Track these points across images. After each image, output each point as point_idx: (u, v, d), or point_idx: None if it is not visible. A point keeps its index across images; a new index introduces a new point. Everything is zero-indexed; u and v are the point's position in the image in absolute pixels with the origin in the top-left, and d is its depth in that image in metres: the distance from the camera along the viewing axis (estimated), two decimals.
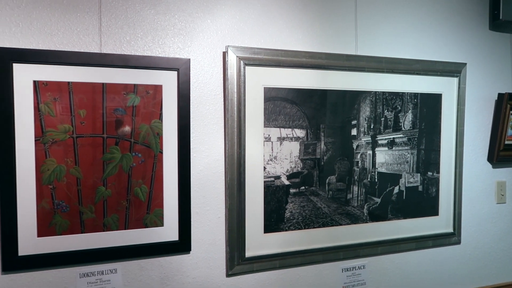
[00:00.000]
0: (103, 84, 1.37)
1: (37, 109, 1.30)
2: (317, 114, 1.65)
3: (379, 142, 1.76)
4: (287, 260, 1.62)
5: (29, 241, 1.31)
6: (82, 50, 1.37)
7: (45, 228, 1.33)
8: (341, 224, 1.71)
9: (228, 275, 1.56)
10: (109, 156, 1.38)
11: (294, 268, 1.65)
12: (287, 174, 1.62)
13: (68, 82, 1.33)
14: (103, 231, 1.39)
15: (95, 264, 1.40)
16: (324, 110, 1.66)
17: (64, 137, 1.33)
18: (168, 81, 1.44)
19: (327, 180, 1.68)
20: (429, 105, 1.84)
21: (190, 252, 1.51)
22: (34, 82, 1.30)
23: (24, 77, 1.28)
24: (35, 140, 1.30)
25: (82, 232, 1.37)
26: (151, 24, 1.46)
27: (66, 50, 1.35)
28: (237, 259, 1.55)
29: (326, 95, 1.66)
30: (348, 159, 1.72)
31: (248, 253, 1.56)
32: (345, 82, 1.69)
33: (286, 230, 1.62)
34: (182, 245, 1.48)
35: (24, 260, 1.31)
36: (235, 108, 1.52)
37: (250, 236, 1.56)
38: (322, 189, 1.68)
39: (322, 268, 1.70)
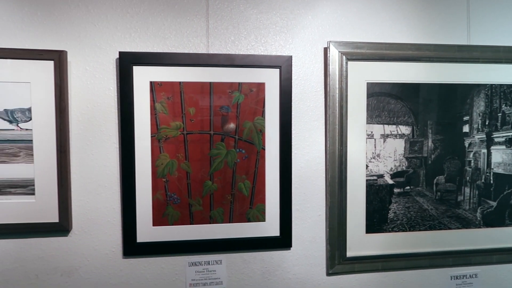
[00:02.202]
0: (210, 83, 1.43)
1: (153, 107, 1.40)
2: (424, 110, 1.55)
3: (496, 140, 1.60)
4: (390, 262, 1.55)
5: (145, 229, 1.42)
6: (191, 52, 1.45)
7: (159, 218, 1.43)
8: (450, 228, 1.59)
9: (328, 274, 1.53)
10: (216, 152, 1.44)
11: (398, 271, 1.57)
12: (391, 173, 1.54)
13: (180, 82, 1.41)
14: (210, 223, 1.46)
15: (202, 254, 1.47)
16: (432, 106, 1.56)
17: (176, 134, 1.42)
18: (270, 78, 1.46)
19: (435, 180, 1.57)
20: None
21: (291, 248, 1.51)
22: (151, 82, 1.40)
23: (142, 78, 1.39)
24: (151, 137, 1.41)
25: (191, 223, 1.45)
26: (254, 23, 1.49)
27: (177, 52, 1.43)
28: (338, 258, 1.52)
29: (434, 89, 1.55)
30: (459, 158, 1.59)
31: (349, 253, 1.52)
32: (456, 74, 1.56)
33: (389, 232, 1.55)
34: (283, 241, 1.49)
35: (141, 247, 1.42)
36: (337, 105, 1.49)
37: (352, 235, 1.52)
38: (429, 189, 1.57)
39: (428, 273, 1.60)
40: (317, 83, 1.52)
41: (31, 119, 1.33)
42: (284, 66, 1.46)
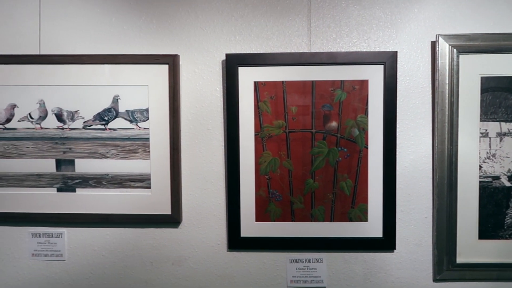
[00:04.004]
0: (312, 81, 1.43)
1: (256, 107, 1.45)
2: None
3: None
4: (506, 272, 1.43)
5: (248, 224, 1.47)
6: (293, 51, 1.46)
7: (261, 214, 1.47)
8: None
9: (435, 280, 1.46)
10: (317, 150, 1.45)
11: None
12: (509, 174, 1.42)
13: (282, 82, 1.44)
14: (311, 221, 1.46)
15: (303, 252, 1.48)
16: None
17: (278, 132, 1.45)
18: (374, 75, 1.42)
19: None
20: None
21: (394, 250, 1.46)
22: (255, 82, 1.44)
23: (247, 78, 1.44)
24: (255, 135, 1.45)
25: (292, 221, 1.46)
26: (356, 19, 1.46)
27: (280, 52, 1.46)
28: (446, 264, 1.43)
29: None
30: None
31: (460, 259, 1.43)
32: None
33: (506, 238, 1.43)
34: (386, 242, 1.45)
35: (245, 241, 1.48)
36: (446, 101, 1.41)
37: (462, 240, 1.43)
38: None
39: None
40: (424, 79, 1.45)
41: (148, 119, 1.45)
42: (388, 62, 1.42)
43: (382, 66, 1.42)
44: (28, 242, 1.52)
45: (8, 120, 1.46)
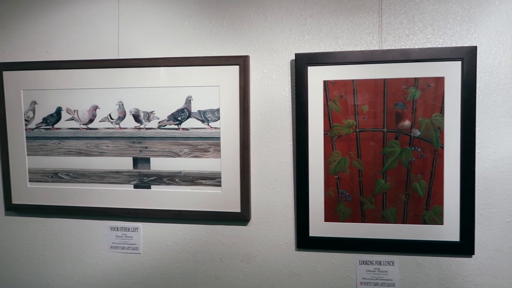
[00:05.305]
0: (384, 80, 1.40)
1: (326, 106, 1.44)
2: None
3: None
4: None
5: (317, 224, 1.47)
6: (363, 49, 1.44)
7: (330, 214, 1.46)
8: None
9: None
10: (389, 150, 1.41)
11: None
12: None
13: (353, 80, 1.42)
14: (382, 222, 1.43)
15: (373, 254, 1.45)
16: None
17: (348, 131, 1.43)
18: (450, 72, 1.36)
19: None
20: None
21: (473, 256, 1.39)
22: (324, 82, 1.43)
23: (316, 78, 1.44)
24: (324, 134, 1.44)
25: (362, 222, 1.44)
26: (430, 14, 1.41)
27: (349, 50, 1.44)
28: None
29: None
30: None
31: None
32: None
33: None
34: (464, 247, 1.38)
35: (313, 241, 1.47)
36: None
37: None
38: None
39: None
40: (505, 75, 1.37)
41: (219, 119, 1.49)
42: (467, 57, 1.35)
43: (459, 62, 1.36)
44: (107, 235, 1.62)
45: (91, 121, 1.57)
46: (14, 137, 1.63)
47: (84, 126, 1.58)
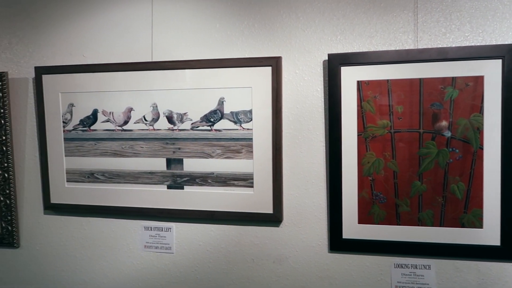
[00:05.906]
0: (420, 79, 1.37)
1: (359, 106, 1.42)
2: None
3: None
4: None
5: (351, 226, 1.45)
6: (398, 48, 1.41)
7: (364, 216, 1.44)
8: None
9: None
10: (425, 151, 1.38)
11: None
12: None
13: (387, 80, 1.39)
14: (418, 225, 1.40)
15: (408, 257, 1.42)
16: None
17: (382, 132, 1.41)
18: (490, 70, 1.32)
19: None
20: None
21: None
22: (358, 82, 1.42)
23: (349, 78, 1.42)
24: (358, 135, 1.42)
25: (397, 224, 1.41)
26: (468, 12, 1.37)
27: (383, 49, 1.42)
28: None
29: None
30: None
31: None
32: None
33: None
34: (505, 252, 1.33)
35: (347, 243, 1.45)
36: None
37: None
38: None
39: None
40: None
41: (251, 120, 1.49)
42: (508, 56, 1.31)
43: (500, 61, 1.31)
44: (141, 234, 1.65)
45: (126, 122, 1.60)
46: (52, 139, 1.68)
47: (119, 128, 1.61)
